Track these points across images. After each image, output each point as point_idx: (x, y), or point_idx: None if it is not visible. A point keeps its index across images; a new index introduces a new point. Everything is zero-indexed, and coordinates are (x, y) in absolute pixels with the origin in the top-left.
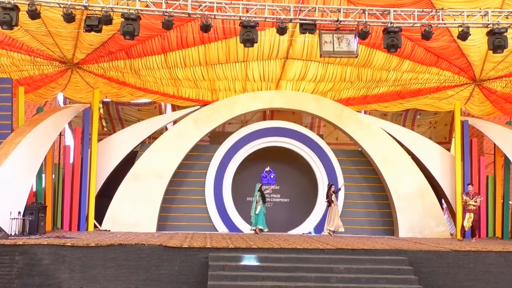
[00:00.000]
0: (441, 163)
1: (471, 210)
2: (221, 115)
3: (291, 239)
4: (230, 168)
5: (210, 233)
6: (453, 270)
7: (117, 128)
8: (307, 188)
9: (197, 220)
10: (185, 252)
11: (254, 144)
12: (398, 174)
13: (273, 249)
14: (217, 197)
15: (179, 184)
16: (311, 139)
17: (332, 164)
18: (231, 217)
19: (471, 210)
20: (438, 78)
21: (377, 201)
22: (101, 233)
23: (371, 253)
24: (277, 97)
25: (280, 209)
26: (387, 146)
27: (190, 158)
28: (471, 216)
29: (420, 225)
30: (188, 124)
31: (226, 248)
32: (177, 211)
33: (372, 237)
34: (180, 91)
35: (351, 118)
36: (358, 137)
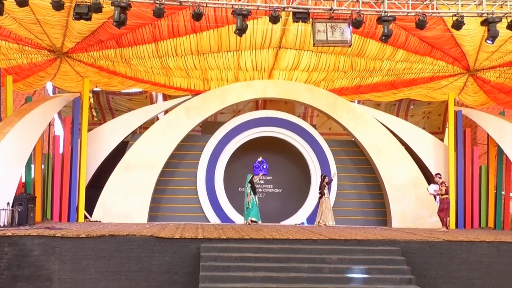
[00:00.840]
0: (435, 153)
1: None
2: (213, 104)
3: (284, 229)
4: (222, 158)
5: (202, 224)
6: (446, 260)
7: (107, 118)
8: (299, 178)
9: (189, 210)
10: (177, 243)
11: (246, 134)
12: (391, 164)
13: (266, 240)
14: (209, 188)
15: (170, 174)
16: (304, 129)
17: (325, 154)
18: (223, 208)
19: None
20: (432, 68)
21: (370, 192)
22: (92, 224)
23: (364, 243)
24: (269, 87)
25: (272, 200)
26: (381, 136)
27: (182, 148)
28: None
29: (413, 216)
30: (180, 114)
31: (218, 239)
32: (169, 202)
33: (365, 228)
34: (171, 81)
35: (344, 108)
36: (351, 127)
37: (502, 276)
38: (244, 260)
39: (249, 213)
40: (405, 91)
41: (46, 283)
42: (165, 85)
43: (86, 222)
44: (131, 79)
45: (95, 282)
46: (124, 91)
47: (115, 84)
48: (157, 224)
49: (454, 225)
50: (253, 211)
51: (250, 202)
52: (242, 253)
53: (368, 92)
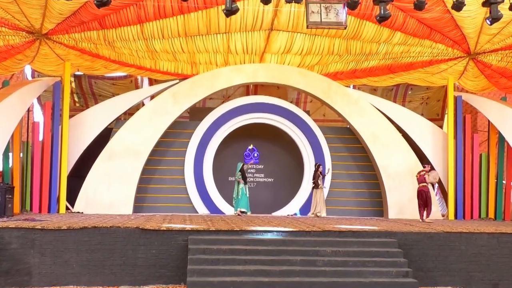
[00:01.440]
0: (433, 140)
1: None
2: (202, 89)
3: (276, 221)
4: (211, 146)
5: (190, 215)
6: (444, 252)
7: (90, 103)
8: (292, 167)
9: (176, 201)
10: (163, 235)
11: (236, 121)
12: (388, 152)
13: (257, 232)
14: (197, 177)
15: (156, 163)
16: (297, 116)
17: (319, 142)
18: (212, 198)
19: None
20: (431, 51)
21: (365, 181)
22: (74, 215)
23: (359, 235)
24: (261, 71)
25: (264, 190)
26: (377, 123)
27: (169, 136)
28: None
29: (411, 206)
30: (166, 99)
31: (207, 230)
32: (155, 192)
33: (360, 219)
34: (157, 64)
35: (339, 93)
36: (346, 113)
37: (502, 268)
38: (234, 253)
39: (238, 203)
40: (402, 75)
41: (25, 277)
42: (151, 69)
43: (68, 213)
44: (115, 62)
45: (77, 276)
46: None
47: (98, 67)
48: (142, 215)
49: (453, 216)
50: (242, 201)
51: (240, 191)
52: (232, 246)
53: (364, 77)
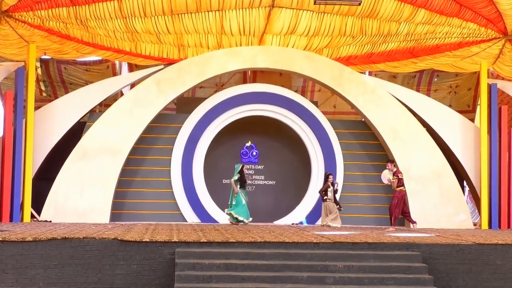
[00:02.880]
0: (463, 136)
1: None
2: (191, 77)
3: (278, 230)
4: (202, 143)
5: (178, 224)
6: (476, 268)
7: (59, 93)
8: (297, 167)
9: (161, 207)
10: (146, 248)
11: (232, 113)
12: (409, 150)
13: (256, 243)
14: (186, 180)
15: (138, 163)
16: (302, 107)
17: (328, 138)
18: (204, 204)
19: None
20: (461, 31)
21: (384, 184)
22: (40, 224)
23: (376, 247)
24: (260, 55)
25: (264, 194)
26: (397, 116)
27: (152, 131)
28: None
29: (437, 213)
30: (149, 88)
31: (197, 242)
32: (136, 197)
33: (377, 228)
34: (138, 47)
35: (353, 81)
36: (361, 104)
37: None
38: (229, 269)
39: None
40: (427, 60)
41: None
42: (131, 52)
43: (34, 222)
44: (88, 45)
45: None
46: (80, 60)
47: (69, 51)
48: (121, 225)
49: (487, 225)
50: (238, 208)
51: (235, 197)
52: (227, 260)
53: (382, 62)
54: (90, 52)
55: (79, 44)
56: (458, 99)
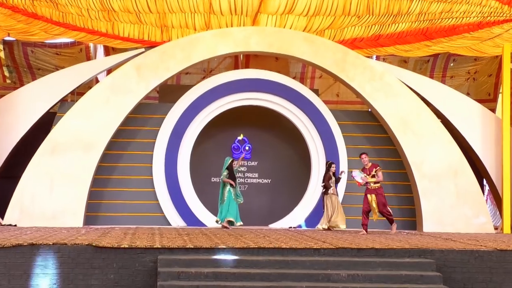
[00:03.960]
0: (483, 128)
1: (372, 190)
2: (175, 61)
3: (274, 235)
4: (188, 136)
5: (160, 228)
6: (498, 277)
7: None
8: (295, 164)
9: (142, 209)
10: (125, 255)
11: (221, 103)
12: (422, 144)
13: (249, 250)
14: (170, 178)
15: (116, 159)
16: (301, 96)
17: (331, 131)
18: (190, 205)
19: (372, 190)
20: (481, 10)
21: (393, 182)
22: (4, 229)
23: (385, 254)
24: (254, 37)
25: (258, 194)
26: (408, 106)
27: (132, 123)
28: (373, 198)
29: (453, 215)
30: (128, 74)
31: (183, 248)
32: (114, 197)
33: (386, 232)
34: (116, 28)
35: (358, 66)
36: (367, 92)
37: None
38: (218, 278)
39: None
40: (442, 42)
41: None
42: (107, 33)
43: None
44: (58, 25)
45: None
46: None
47: (36, 31)
48: (97, 229)
49: (510, 229)
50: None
51: (226, 196)
52: (216, 268)
53: (391, 45)
54: (61, 33)
55: (48, 24)
56: (477, 87)
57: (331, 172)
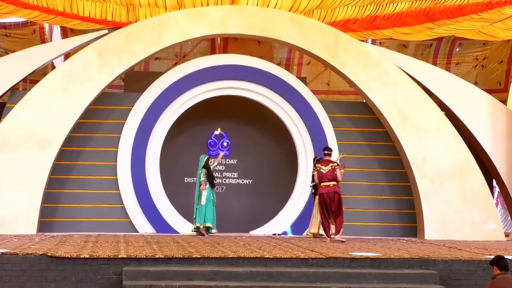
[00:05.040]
0: (493, 122)
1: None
2: (143, 45)
3: (255, 243)
4: (157, 131)
5: (126, 235)
6: None
7: None
8: (280, 162)
9: (105, 214)
10: (85, 266)
11: (196, 93)
12: (424, 140)
13: (227, 260)
14: (137, 178)
15: (75, 156)
16: (287, 85)
17: (320, 125)
18: (160, 209)
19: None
20: None
21: (390, 183)
22: None
23: (382, 264)
24: (233, 17)
25: (238, 196)
26: (408, 96)
27: (93, 115)
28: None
29: (458, 221)
30: (89, 59)
31: (152, 258)
32: (72, 200)
33: (382, 239)
34: (75, 6)
35: (351, 51)
36: (361, 81)
37: None
38: None
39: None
40: (446, 25)
41: None
42: (64, 13)
43: None
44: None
45: None
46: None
47: None
48: (53, 236)
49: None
50: (207, 213)
51: (204, 199)
52: (190, 281)
53: (389, 27)
54: (11, 12)
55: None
56: (486, 75)
57: None
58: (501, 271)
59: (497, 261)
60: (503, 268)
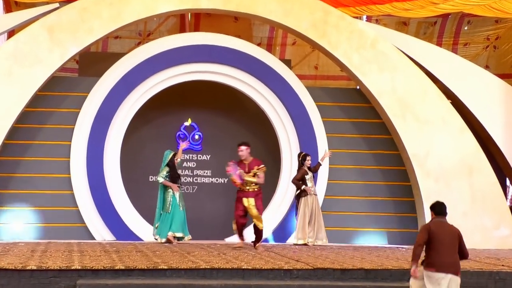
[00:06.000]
0: (506, 112)
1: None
2: (101, 21)
3: (232, 252)
4: (118, 121)
5: (81, 243)
6: None
7: None
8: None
9: (56, 218)
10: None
11: (163, 77)
12: (427, 133)
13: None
14: (94, 176)
15: (20, 151)
16: (269, 69)
17: (307, 115)
18: (120, 213)
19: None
20: None
21: (388, 182)
22: None
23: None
24: None
25: (211, 198)
26: (409, 82)
27: (42, 103)
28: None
29: (466, 226)
30: (38, 37)
31: (111, 269)
32: (17, 202)
33: (379, 248)
34: None
35: (343, 30)
36: (355, 64)
37: None
38: None
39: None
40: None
41: None
42: None
43: None
44: None
45: None
46: None
47: None
48: None
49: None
50: (175, 219)
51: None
52: None
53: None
54: None
55: None
56: (499, 58)
57: (305, 167)
58: (436, 215)
59: (434, 206)
60: (439, 213)
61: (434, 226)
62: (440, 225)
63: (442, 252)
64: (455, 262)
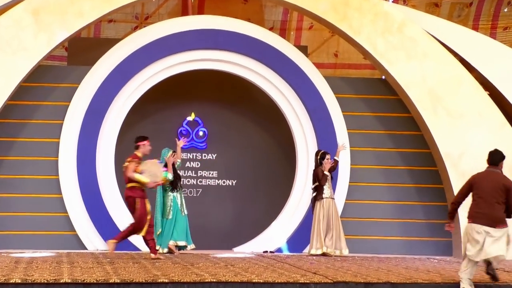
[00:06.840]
0: None
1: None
2: (93, 3)
3: (241, 263)
4: (112, 116)
5: (70, 253)
6: None
7: None
8: (273, 158)
9: (44, 225)
10: None
11: (162, 66)
12: (461, 128)
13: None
14: (85, 178)
15: (3, 149)
16: (282, 57)
17: (326, 109)
18: (115, 219)
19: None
20: None
21: (418, 185)
22: None
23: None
24: None
25: (218, 202)
26: (441, 71)
27: (27, 95)
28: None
29: None
30: (22, 21)
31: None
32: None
33: (407, 258)
34: None
35: (366, 12)
36: (380, 52)
37: None
38: None
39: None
40: None
41: None
42: None
43: None
44: None
45: None
46: None
47: None
48: None
49: None
50: (177, 225)
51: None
52: None
53: None
54: None
55: None
56: None
57: (323, 166)
58: (488, 165)
59: (488, 155)
60: (489, 162)
61: (479, 177)
62: (485, 176)
63: (479, 202)
64: (492, 214)
